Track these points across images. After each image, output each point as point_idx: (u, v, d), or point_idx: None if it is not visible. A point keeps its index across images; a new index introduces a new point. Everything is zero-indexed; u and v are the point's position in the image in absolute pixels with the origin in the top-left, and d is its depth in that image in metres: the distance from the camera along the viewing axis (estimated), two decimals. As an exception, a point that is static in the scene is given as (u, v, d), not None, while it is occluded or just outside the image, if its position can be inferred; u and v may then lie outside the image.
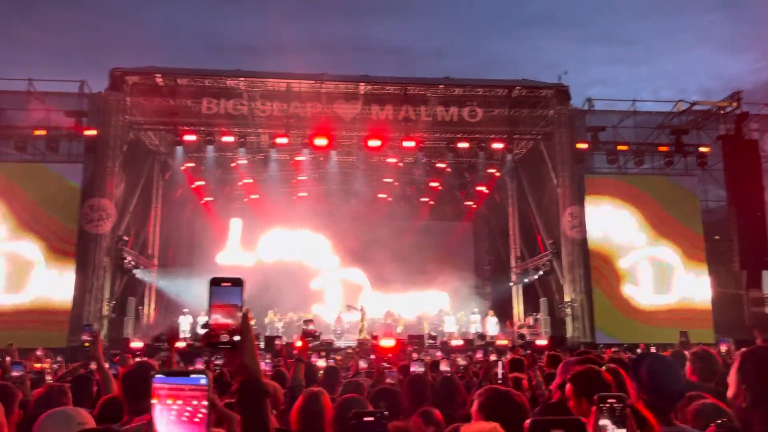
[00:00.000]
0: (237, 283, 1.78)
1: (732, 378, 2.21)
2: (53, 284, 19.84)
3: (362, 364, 7.86)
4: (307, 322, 5.03)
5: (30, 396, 4.79)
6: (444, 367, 6.23)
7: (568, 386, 3.26)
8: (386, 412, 1.89)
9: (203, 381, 1.48)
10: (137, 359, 7.96)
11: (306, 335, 4.91)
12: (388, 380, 5.67)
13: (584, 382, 3.14)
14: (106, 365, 4.83)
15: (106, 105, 21.06)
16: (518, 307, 27.08)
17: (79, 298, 19.67)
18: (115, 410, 3.34)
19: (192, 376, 1.48)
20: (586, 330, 21.26)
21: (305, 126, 22.28)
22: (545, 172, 23.43)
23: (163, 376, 1.47)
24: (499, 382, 4.71)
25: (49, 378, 7.31)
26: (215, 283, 1.78)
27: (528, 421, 1.55)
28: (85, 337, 4.85)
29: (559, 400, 3.92)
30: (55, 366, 10.42)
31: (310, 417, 3.35)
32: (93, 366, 6.85)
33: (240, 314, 1.76)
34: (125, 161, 21.57)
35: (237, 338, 1.75)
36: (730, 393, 2.22)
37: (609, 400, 1.83)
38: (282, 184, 28.08)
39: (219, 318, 1.75)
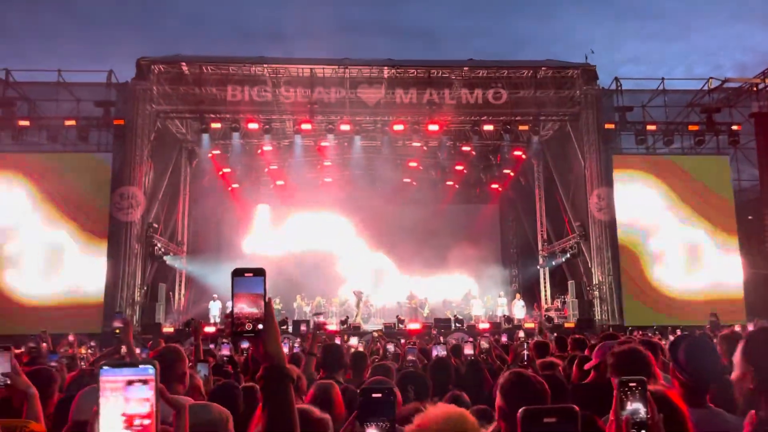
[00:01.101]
0: (259, 273, 1.81)
1: (737, 360, 2.16)
2: (87, 272, 20.28)
3: (390, 347, 7.89)
4: (318, 314, 5.07)
5: (65, 380, 4.92)
6: (468, 350, 6.22)
7: (610, 363, 3.25)
8: (401, 391, 1.90)
9: (151, 371, 1.48)
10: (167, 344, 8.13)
11: (318, 328, 4.96)
12: (410, 357, 5.71)
13: (627, 361, 3.14)
14: (138, 350, 4.94)
15: (133, 94, 21.32)
16: (545, 291, 26.97)
17: (111, 285, 20.10)
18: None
19: (140, 366, 1.49)
20: (615, 313, 21.07)
21: (329, 111, 22.31)
22: (572, 153, 23.15)
23: (109, 368, 1.46)
24: (524, 364, 4.70)
25: (82, 364, 7.49)
26: (238, 273, 1.81)
27: (521, 409, 1.54)
28: (116, 324, 4.97)
29: (593, 381, 3.92)
30: (90, 351, 10.67)
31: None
32: (124, 350, 7.01)
33: (263, 303, 1.79)
34: (153, 150, 21.87)
35: (260, 327, 1.78)
36: (734, 375, 2.17)
37: (630, 384, 1.83)
38: (307, 170, 28.21)
39: (243, 307, 1.78)
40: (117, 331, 4.96)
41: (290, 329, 20.62)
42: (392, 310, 26.22)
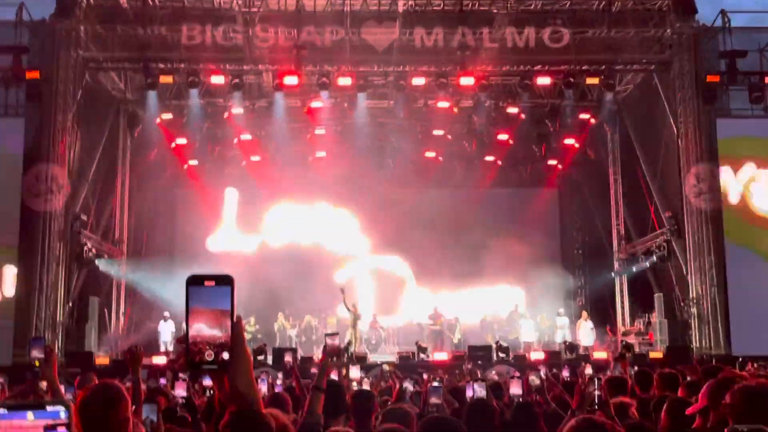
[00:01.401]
0: (224, 281, 1.81)
1: None
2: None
3: (407, 386, 7.92)
4: (332, 336, 5.05)
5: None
6: (515, 389, 6.23)
7: (730, 404, 3.24)
8: None
9: (63, 415, 1.50)
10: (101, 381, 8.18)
11: (331, 353, 4.94)
12: (433, 399, 5.72)
13: (758, 404, 3.13)
14: (62, 388, 4.96)
15: (52, 37, 21.35)
16: (622, 307, 26.87)
17: (24, 300, 20.20)
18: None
19: (48, 408, 1.49)
20: (720, 338, 20.94)
21: (323, 59, 22.22)
22: (661, 117, 22.99)
23: (7, 411, 1.47)
24: (595, 409, 4.70)
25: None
26: (194, 281, 1.80)
27: None
28: (35, 354, 4.95)
29: (701, 429, 3.91)
30: (-4, 389, 10.74)
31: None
32: (44, 387, 7.05)
33: (230, 323, 1.77)
34: (81, 114, 21.92)
35: (226, 356, 1.76)
36: None
37: None
38: (293, 141, 28.18)
39: (202, 329, 1.76)
40: (36, 363, 4.97)
41: (270, 360, 20.67)
42: (410, 334, 26.28)
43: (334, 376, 10.14)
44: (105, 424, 3.35)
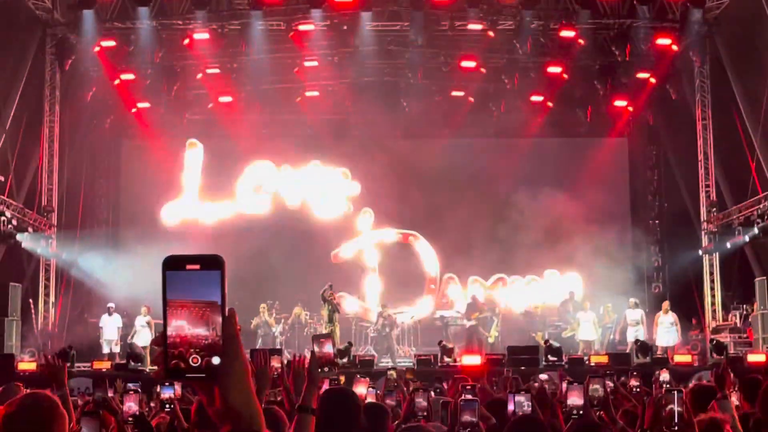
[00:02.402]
0: (212, 263, 1.81)
1: None
2: None
3: (420, 401, 7.98)
4: (322, 340, 5.02)
5: None
6: (574, 399, 6.27)
7: None
8: None
9: None
10: (27, 390, 8.27)
11: (322, 363, 4.90)
12: (466, 416, 5.75)
13: None
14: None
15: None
16: (712, 296, 26.89)
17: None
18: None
19: None
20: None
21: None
22: (766, 42, 22.84)
23: None
24: (675, 430, 4.73)
25: None
26: (173, 265, 1.80)
27: None
28: None
29: None
30: None
31: None
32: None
33: (220, 319, 1.79)
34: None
35: (216, 361, 1.78)
36: None
37: None
38: (275, 77, 28.11)
39: (183, 326, 1.77)
40: None
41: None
42: (431, 332, 26.32)
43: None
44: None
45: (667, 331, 23.90)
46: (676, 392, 4.89)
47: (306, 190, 29.98)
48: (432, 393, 10.10)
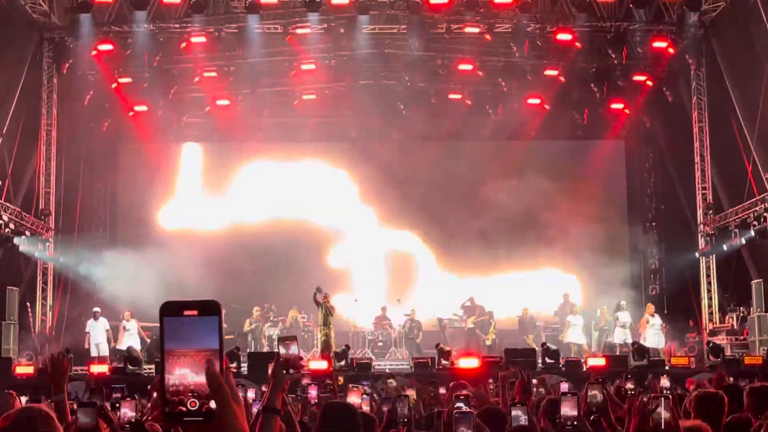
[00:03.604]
0: (209, 309, 1.82)
1: None
2: None
3: (401, 408, 7.98)
4: (287, 342, 5.01)
5: None
6: (568, 409, 6.23)
7: None
8: None
9: None
10: (24, 400, 8.24)
11: (287, 365, 4.89)
12: (462, 428, 5.72)
13: None
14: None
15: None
16: (709, 297, 26.89)
17: None
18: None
19: None
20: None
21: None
22: (762, 45, 22.86)
23: None
24: None
25: None
26: (170, 311, 1.82)
27: None
28: None
29: None
30: None
31: None
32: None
33: (218, 365, 1.80)
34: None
35: (213, 405, 1.80)
36: None
37: None
38: (272, 80, 28.14)
39: (186, 375, 1.80)
40: None
41: (245, 369, 20.77)
42: (428, 334, 26.34)
43: (312, 391, 10.24)
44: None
45: (656, 334, 23.96)
46: (662, 399, 4.86)
47: (302, 192, 29.95)
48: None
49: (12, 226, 22.98)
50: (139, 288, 24.23)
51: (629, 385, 11.71)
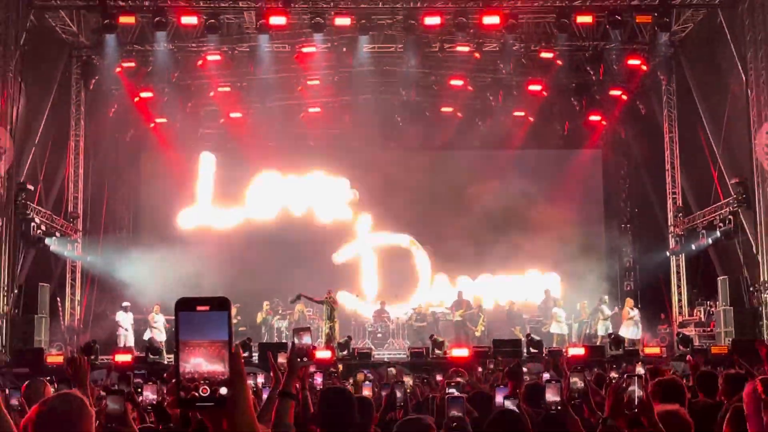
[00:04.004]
0: (220, 305, 1.85)
1: None
2: None
3: (398, 393, 8.04)
4: (300, 332, 5.04)
5: None
6: (552, 395, 6.26)
7: None
8: None
9: None
10: (55, 387, 8.25)
11: (299, 354, 4.92)
12: (453, 412, 5.75)
13: None
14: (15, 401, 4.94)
15: (-11, -31, 21.30)
16: (679, 293, 26.93)
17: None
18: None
19: None
20: (797, 329, 21.04)
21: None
22: (727, 62, 22.87)
23: None
24: (634, 413, 4.70)
25: None
26: (185, 306, 1.85)
27: None
28: None
29: None
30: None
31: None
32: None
33: (228, 354, 1.83)
34: (25, 62, 21.88)
35: (224, 391, 1.82)
36: None
37: None
38: (280, 95, 28.15)
39: (201, 363, 1.82)
40: None
41: (255, 358, 20.81)
42: (423, 326, 26.36)
43: (318, 378, 10.27)
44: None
45: (634, 326, 24.02)
46: (636, 377, 4.87)
47: (309, 197, 29.97)
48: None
49: (43, 227, 23.00)
50: (160, 284, 24.27)
51: (612, 374, 11.73)
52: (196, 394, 1.81)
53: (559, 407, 6.08)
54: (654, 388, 6.61)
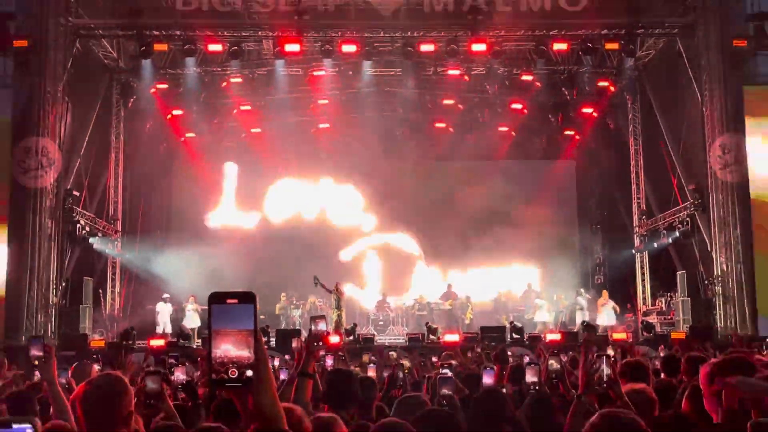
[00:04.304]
0: (247, 298, 1.89)
1: None
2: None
3: (399, 374, 8.07)
4: (317, 320, 5.09)
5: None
6: (531, 377, 6.29)
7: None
8: None
9: None
10: (99, 368, 8.27)
11: (317, 339, 4.97)
12: (444, 390, 5.77)
13: None
14: (62, 380, 5.00)
15: (40, 2, 21.27)
16: (643, 286, 26.98)
17: (14, 280, 20.34)
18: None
19: (14, 426, 1.54)
20: (746, 317, 21.00)
21: (326, 25, 22.18)
22: (684, 84, 22.89)
23: None
24: (604, 388, 4.72)
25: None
26: (216, 299, 1.88)
27: None
28: (34, 352, 4.96)
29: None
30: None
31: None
32: (37, 378, 7.13)
33: (253, 341, 1.87)
34: (71, 84, 21.91)
35: (249, 374, 1.87)
36: None
37: None
38: (294, 112, 28.20)
39: (229, 350, 1.86)
40: (35, 362, 5.03)
41: (273, 342, 20.85)
42: (420, 315, 26.42)
43: (329, 360, 10.29)
44: (109, 418, 3.42)
45: (608, 314, 24.07)
46: (604, 357, 4.87)
47: (319, 201, 30.06)
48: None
49: (88, 228, 23.05)
50: (189, 277, 24.30)
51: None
52: (226, 376, 1.85)
53: (537, 386, 6.13)
54: (622, 368, 6.65)
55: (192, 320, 23.33)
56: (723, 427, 3.72)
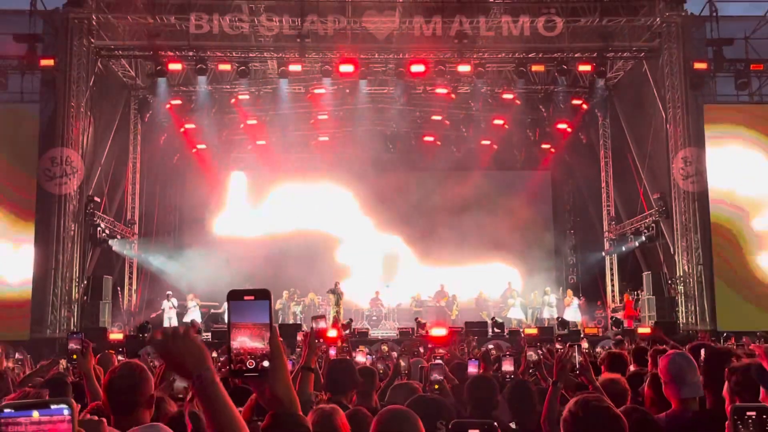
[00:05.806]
0: (262, 295, 1.90)
1: None
2: (7, 261, 20.45)
3: (403, 363, 8.05)
4: (317, 318, 5.11)
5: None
6: (507, 366, 6.34)
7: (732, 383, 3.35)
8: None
9: (66, 412, 1.56)
10: (120, 358, 8.27)
11: (318, 336, 4.98)
12: (435, 375, 5.80)
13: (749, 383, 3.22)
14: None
15: (65, 26, 21.32)
16: (612, 285, 27.07)
17: (40, 278, 20.31)
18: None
19: (52, 407, 1.54)
20: (705, 314, 21.09)
21: (325, 47, 22.25)
22: (650, 102, 23.01)
23: (12, 410, 1.52)
24: (576, 374, 4.74)
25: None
26: (235, 296, 1.90)
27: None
28: (73, 346, 4.91)
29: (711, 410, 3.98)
30: (17, 365, 10.84)
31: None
32: (63, 366, 7.11)
33: (269, 335, 1.88)
34: (93, 99, 21.95)
35: (266, 364, 1.87)
36: None
37: (748, 413, 1.91)
38: (297, 126, 28.23)
39: (245, 342, 1.87)
40: (74, 356, 4.97)
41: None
42: (409, 311, 26.45)
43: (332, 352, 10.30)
44: (133, 401, 3.44)
45: (574, 312, 24.22)
46: (577, 346, 4.91)
47: (319, 207, 30.04)
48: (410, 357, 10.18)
49: (107, 231, 23.04)
50: (199, 278, 24.32)
51: (558, 346, 11.79)
52: (243, 366, 1.86)
53: (512, 375, 6.18)
54: (609, 358, 6.72)
55: (193, 316, 23.43)
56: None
